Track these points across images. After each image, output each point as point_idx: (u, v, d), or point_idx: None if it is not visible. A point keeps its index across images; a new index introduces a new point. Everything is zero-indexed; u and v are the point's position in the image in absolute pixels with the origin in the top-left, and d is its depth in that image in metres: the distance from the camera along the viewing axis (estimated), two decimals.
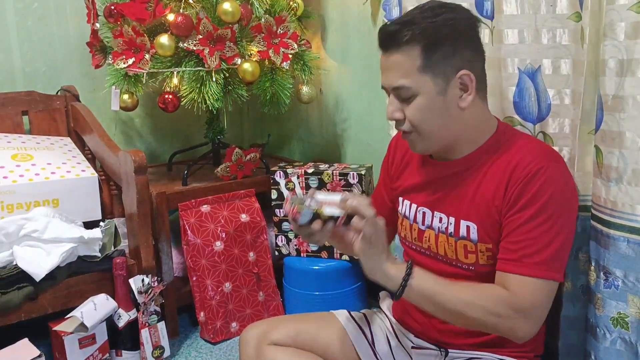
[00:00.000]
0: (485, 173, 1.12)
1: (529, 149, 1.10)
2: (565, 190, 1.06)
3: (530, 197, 1.05)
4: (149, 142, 2.52)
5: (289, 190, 1.65)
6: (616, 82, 1.11)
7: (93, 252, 1.77)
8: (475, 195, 1.13)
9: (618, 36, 1.10)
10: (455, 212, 1.16)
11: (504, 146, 1.12)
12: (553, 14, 1.28)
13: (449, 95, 1.08)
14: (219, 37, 1.86)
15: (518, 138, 1.14)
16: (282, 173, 1.94)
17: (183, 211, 1.99)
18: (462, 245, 1.15)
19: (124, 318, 1.76)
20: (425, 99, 1.08)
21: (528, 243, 1.05)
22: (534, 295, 1.04)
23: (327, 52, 2.30)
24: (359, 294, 2.08)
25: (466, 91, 1.09)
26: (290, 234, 2.06)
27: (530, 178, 1.05)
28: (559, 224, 1.04)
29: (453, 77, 1.08)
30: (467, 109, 1.10)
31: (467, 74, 1.08)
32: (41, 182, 1.83)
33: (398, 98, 1.11)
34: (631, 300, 1.15)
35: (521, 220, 1.06)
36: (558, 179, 1.06)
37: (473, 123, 1.13)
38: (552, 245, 1.04)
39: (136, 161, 1.77)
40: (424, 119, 1.09)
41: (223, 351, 1.95)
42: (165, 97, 1.99)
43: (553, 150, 1.15)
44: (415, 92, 1.08)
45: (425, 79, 1.07)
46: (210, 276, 1.98)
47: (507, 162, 1.09)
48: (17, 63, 2.18)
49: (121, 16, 1.91)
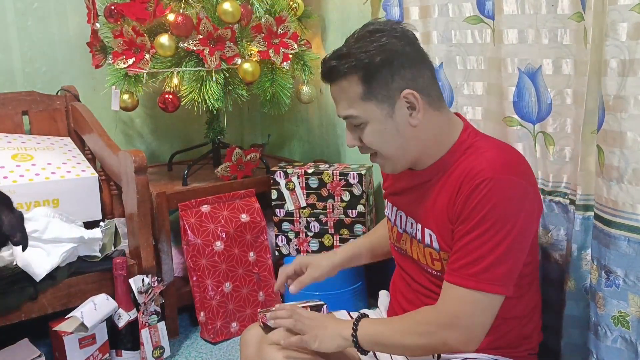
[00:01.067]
0: (444, 183, 1.13)
1: (483, 158, 1.08)
2: (510, 203, 1.04)
3: (472, 209, 1.04)
4: (149, 142, 2.52)
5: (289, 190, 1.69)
6: (618, 82, 1.11)
7: (93, 252, 1.77)
8: (435, 204, 1.14)
9: (620, 36, 1.10)
10: (420, 219, 1.18)
11: (463, 155, 1.12)
12: (554, 14, 1.28)
13: (398, 116, 1.09)
14: (219, 37, 1.86)
15: (479, 146, 1.12)
16: (282, 173, 1.92)
17: (183, 211, 1.98)
18: (428, 252, 1.17)
19: (124, 318, 1.76)
20: (375, 124, 1.10)
21: (463, 254, 1.05)
22: (459, 305, 1.05)
23: (327, 52, 2.29)
24: (359, 294, 2.08)
25: (414, 109, 1.09)
26: (290, 234, 2.06)
27: (474, 189, 1.04)
28: (499, 237, 1.03)
29: (397, 99, 1.08)
30: (420, 125, 1.10)
31: (410, 92, 1.08)
32: (41, 182, 1.83)
33: (350, 127, 1.14)
34: (632, 299, 1.15)
35: (463, 231, 1.06)
36: (503, 191, 1.03)
37: (431, 136, 1.13)
38: (487, 258, 1.03)
39: (136, 161, 1.77)
40: (379, 143, 1.12)
41: (223, 351, 1.94)
42: (166, 97, 1.98)
43: (510, 160, 1.10)
44: (364, 120, 1.10)
45: (370, 106, 1.08)
46: (211, 276, 1.98)
47: (461, 172, 1.09)
48: (17, 63, 2.18)
49: (121, 16, 1.91)
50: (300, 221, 1.65)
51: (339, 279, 2.01)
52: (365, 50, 1.06)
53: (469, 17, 1.51)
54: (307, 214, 1.61)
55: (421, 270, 1.21)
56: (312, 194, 1.68)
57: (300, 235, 1.58)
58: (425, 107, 1.10)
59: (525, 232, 1.07)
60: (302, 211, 1.63)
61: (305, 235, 1.57)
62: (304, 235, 1.58)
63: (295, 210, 1.60)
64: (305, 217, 1.63)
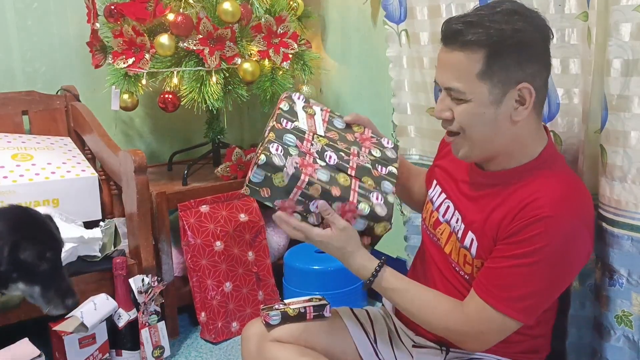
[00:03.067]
0: (507, 196, 1.08)
1: (552, 189, 1.04)
2: (563, 245, 1.02)
3: (525, 240, 1.02)
4: (149, 142, 2.51)
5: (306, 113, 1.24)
6: (621, 82, 1.11)
7: (93, 252, 1.77)
8: (490, 214, 1.10)
9: (623, 37, 1.09)
10: (467, 220, 1.15)
11: (534, 175, 1.08)
12: (562, 14, 1.28)
13: (503, 106, 1.04)
14: (219, 36, 1.86)
15: (553, 172, 1.08)
16: (302, 96, 1.32)
17: (182, 211, 1.98)
18: (463, 254, 1.15)
19: (124, 318, 1.75)
20: (476, 105, 1.04)
21: (504, 275, 1.05)
22: (487, 323, 1.06)
23: (327, 52, 2.30)
24: (360, 294, 2.08)
25: (523, 104, 1.04)
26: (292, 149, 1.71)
27: (532, 222, 1.01)
28: (543, 274, 1.02)
29: (512, 89, 1.03)
30: (519, 124, 1.06)
31: (527, 87, 1.02)
32: (41, 182, 1.82)
33: (449, 97, 1.07)
34: (635, 299, 1.15)
35: (508, 253, 1.04)
36: (559, 233, 1.01)
37: (520, 139, 1.08)
38: (525, 288, 1.03)
39: (136, 161, 1.77)
40: (472, 124, 1.06)
41: (223, 351, 1.94)
42: (165, 97, 1.98)
43: (575, 197, 1.06)
44: (468, 97, 1.04)
45: (481, 87, 1.02)
46: (211, 276, 1.98)
47: (528, 194, 1.05)
48: (17, 63, 2.17)
49: (121, 16, 1.91)
50: (312, 142, 1.17)
51: (339, 279, 2.02)
52: (500, 27, 0.99)
53: None
54: (324, 142, 1.18)
55: (449, 265, 1.19)
56: (334, 131, 1.24)
57: (306, 158, 1.12)
58: (532, 107, 1.04)
59: (569, 274, 1.07)
60: (318, 137, 1.19)
61: (313, 161, 1.12)
62: (311, 160, 1.12)
63: (308, 132, 1.19)
64: (321, 143, 1.18)
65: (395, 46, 1.76)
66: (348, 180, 1.12)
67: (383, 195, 1.14)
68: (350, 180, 1.13)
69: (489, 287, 1.06)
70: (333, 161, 1.15)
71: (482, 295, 1.06)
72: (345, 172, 1.14)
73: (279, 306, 1.30)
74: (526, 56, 1.02)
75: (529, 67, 1.03)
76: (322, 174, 1.10)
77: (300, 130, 1.18)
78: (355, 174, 1.15)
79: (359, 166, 1.17)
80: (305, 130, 1.19)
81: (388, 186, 1.17)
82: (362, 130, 1.27)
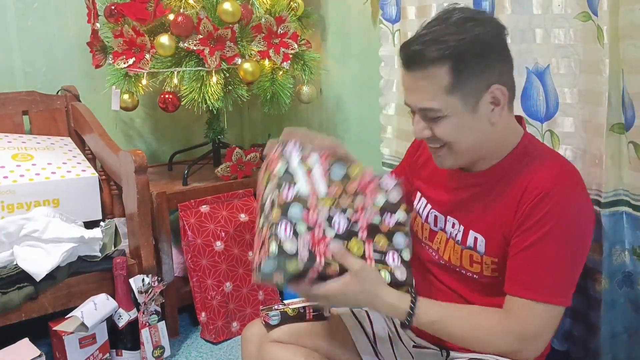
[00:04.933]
0: (501, 190, 1.09)
1: (546, 169, 1.06)
2: (574, 216, 1.03)
3: (537, 221, 1.02)
4: (149, 142, 2.52)
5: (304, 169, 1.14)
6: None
7: (93, 252, 1.77)
8: (487, 209, 1.10)
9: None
10: (465, 221, 1.15)
11: (522, 162, 1.09)
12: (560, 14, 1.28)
13: (480, 112, 1.04)
14: (219, 37, 1.86)
15: (539, 154, 1.10)
16: (298, 145, 1.19)
17: (183, 211, 1.98)
18: (468, 254, 1.14)
19: (125, 318, 1.75)
20: (454, 119, 1.04)
21: (532, 267, 1.03)
22: (541, 319, 1.03)
23: (327, 52, 2.30)
24: None
25: (498, 105, 1.05)
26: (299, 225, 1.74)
27: (539, 201, 1.02)
28: (566, 251, 1.02)
29: (484, 93, 1.03)
30: (497, 124, 1.06)
31: (498, 88, 1.03)
32: (41, 182, 1.83)
33: (425, 118, 1.06)
34: None
35: (526, 243, 1.04)
36: (568, 205, 1.02)
37: (501, 136, 1.09)
38: (556, 271, 1.03)
39: (136, 161, 1.77)
40: (455, 137, 1.05)
41: (223, 351, 1.94)
42: (166, 97, 1.98)
43: (572, 171, 1.09)
44: (444, 114, 1.03)
45: (454, 100, 1.02)
46: (211, 276, 1.98)
47: (522, 180, 1.06)
48: (17, 63, 2.18)
49: (121, 16, 1.91)
50: (318, 210, 1.09)
51: None
52: (460, 38, 0.99)
53: None
54: (329, 204, 1.11)
55: (450, 269, 1.19)
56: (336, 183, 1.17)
57: (315, 231, 1.07)
58: (506, 105, 1.06)
59: (586, 243, 1.07)
60: (322, 200, 1.12)
61: (323, 233, 1.07)
62: (321, 233, 1.07)
63: (311, 197, 1.10)
64: (327, 207, 1.11)
65: (388, 46, 1.76)
66: (362, 248, 1.09)
67: (398, 253, 1.11)
68: (363, 246, 1.09)
69: (522, 283, 1.04)
70: (342, 228, 1.09)
71: (519, 293, 1.04)
72: (357, 236, 1.10)
73: (278, 306, 1.29)
74: (490, 59, 1.03)
75: (495, 68, 1.03)
76: (335, 246, 1.06)
77: (302, 198, 1.09)
78: (366, 236, 1.10)
79: (368, 225, 1.12)
80: (308, 195, 1.10)
81: (400, 239, 1.13)
82: (361, 172, 1.18)
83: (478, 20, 1.02)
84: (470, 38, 1.00)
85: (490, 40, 1.02)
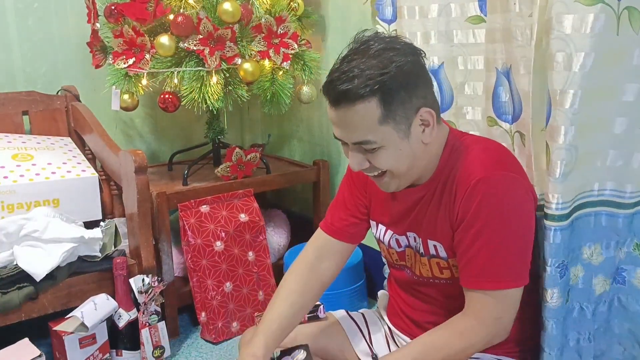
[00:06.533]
0: (441, 192, 1.13)
1: (474, 159, 1.10)
2: (509, 198, 1.05)
3: (474, 212, 1.06)
4: (149, 142, 2.52)
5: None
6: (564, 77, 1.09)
7: (93, 252, 1.77)
8: (435, 215, 1.14)
9: (565, 29, 1.07)
10: (422, 233, 1.18)
11: (452, 158, 1.13)
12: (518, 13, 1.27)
13: (413, 136, 1.07)
14: (219, 37, 1.86)
15: (464, 146, 1.13)
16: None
17: (183, 211, 1.99)
18: (435, 262, 1.17)
19: (125, 318, 1.76)
20: (390, 147, 1.06)
21: (481, 258, 1.06)
22: (498, 305, 1.07)
23: (327, 52, 2.30)
24: (359, 294, 2.08)
25: (428, 126, 1.08)
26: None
27: (471, 192, 1.06)
28: (508, 234, 1.05)
29: (414, 119, 1.06)
30: (431, 142, 1.10)
31: (426, 110, 1.06)
32: (41, 182, 1.83)
33: (360, 150, 1.08)
34: None
35: (469, 238, 1.07)
36: (500, 189, 1.05)
37: (435, 148, 1.13)
38: (504, 257, 1.06)
39: (136, 161, 1.77)
40: (394, 164, 1.08)
41: (223, 351, 1.95)
42: (166, 97, 1.98)
43: (499, 156, 1.12)
44: (380, 145, 1.05)
45: (387, 129, 1.04)
46: (211, 276, 1.98)
47: (454, 175, 1.10)
48: (17, 63, 2.18)
49: (121, 16, 1.91)
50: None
51: (338, 279, 2.01)
52: (381, 71, 1.01)
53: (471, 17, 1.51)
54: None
55: (425, 284, 1.22)
56: None
57: None
58: (435, 124, 1.09)
59: (528, 223, 1.09)
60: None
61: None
62: None
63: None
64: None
65: None
66: None
67: None
68: None
69: (474, 277, 1.08)
70: None
71: (474, 286, 1.08)
72: None
73: None
74: (414, 84, 1.05)
75: (419, 91, 1.06)
76: None
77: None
78: None
79: None
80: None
81: None
82: None
83: (395, 49, 1.03)
84: (394, 70, 1.01)
85: (412, 68, 1.04)
